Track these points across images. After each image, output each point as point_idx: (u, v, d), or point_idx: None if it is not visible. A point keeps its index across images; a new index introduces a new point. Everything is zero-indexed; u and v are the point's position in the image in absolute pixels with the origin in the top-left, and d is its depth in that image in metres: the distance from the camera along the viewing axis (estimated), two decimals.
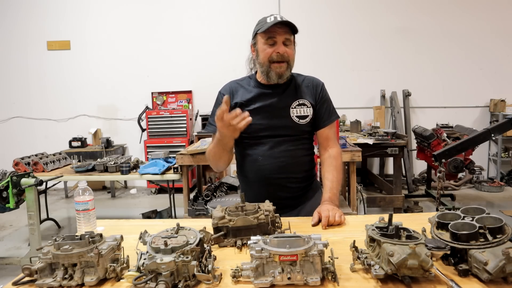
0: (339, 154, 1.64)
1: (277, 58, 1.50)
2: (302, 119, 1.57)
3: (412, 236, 0.97)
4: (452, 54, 5.37)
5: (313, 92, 1.62)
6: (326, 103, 1.63)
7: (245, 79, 1.67)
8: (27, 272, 0.98)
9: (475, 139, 2.37)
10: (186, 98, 5.62)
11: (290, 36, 1.52)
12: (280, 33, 1.48)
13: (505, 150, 5.29)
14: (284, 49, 1.50)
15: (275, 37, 1.49)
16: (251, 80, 1.64)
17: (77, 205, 1.40)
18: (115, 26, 5.61)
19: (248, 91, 1.60)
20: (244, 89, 1.62)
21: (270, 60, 1.51)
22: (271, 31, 1.48)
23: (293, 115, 1.57)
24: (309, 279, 0.93)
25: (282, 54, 1.49)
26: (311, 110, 1.59)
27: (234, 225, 1.19)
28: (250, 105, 1.58)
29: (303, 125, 1.58)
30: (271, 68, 1.52)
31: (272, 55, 1.50)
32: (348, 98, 5.42)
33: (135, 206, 4.92)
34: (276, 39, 1.49)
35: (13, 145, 5.62)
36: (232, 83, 1.67)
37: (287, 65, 1.53)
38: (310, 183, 1.69)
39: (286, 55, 1.50)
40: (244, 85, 1.64)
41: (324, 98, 1.63)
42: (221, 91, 1.65)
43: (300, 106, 1.58)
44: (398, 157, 3.94)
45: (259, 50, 1.54)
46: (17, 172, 2.86)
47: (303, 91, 1.61)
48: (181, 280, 0.93)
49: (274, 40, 1.49)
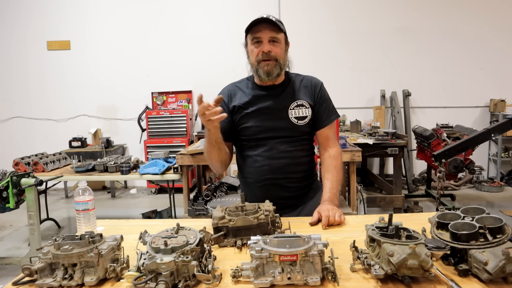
0: (339, 154, 1.64)
1: (263, 57, 1.50)
2: (300, 120, 1.57)
3: (412, 236, 0.97)
4: (452, 54, 5.37)
5: (311, 92, 1.61)
6: (325, 103, 1.63)
7: (243, 81, 1.67)
8: (27, 272, 0.98)
9: (475, 139, 2.37)
10: (186, 98, 5.62)
11: (277, 34, 1.51)
12: (265, 31, 1.49)
13: (505, 150, 5.29)
14: (268, 47, 1.50)
15: (260, 36, 1.50)
16: (249, 82, 1.64)
17: (77, 205, 1.40)
18: (115, 26, 5.61)
19: (246, 94, 1.61)
20: (242, 91, 1.62)
21: (258, 60, 1.52)
22: (256, 31, 1.50)
23: (292, 117, 1.56)
24: (309, 279, 0.93)
25: (267, 53, 1.49)
26: (309, 111, 1.58)
27: (234, 225, 1.19)
28: (248, 107, 1.58)
29: (302, 126, 1.58)
30: (259, 66, 1.52)
31: (259, 55, 1.51)
32: (348, 98, 5.42)
33: (135, 206, 4.92)
34: (261, 38, 1.50)
35: (13, 145, 5.62)
36: (231, 86, 1.67)
37: (275, 62, 1.52)
38: (311, 183, 1.69)
39: (272, 54, 1.50)
40: (242, 87, 1.64)
41: (323, 98, 1.62)
42: (220, 94, 1.64)
43: (298, 107, 1.57)
44: (398, 157, 3.94)
45: (249, 51, 1.56)
46: (17, 172, 2.86)
47: (302, 92, 1.60)
48: (181, 280, 0.93)
49: (259, 39, 1.50)
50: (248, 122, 1.58)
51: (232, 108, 1.59)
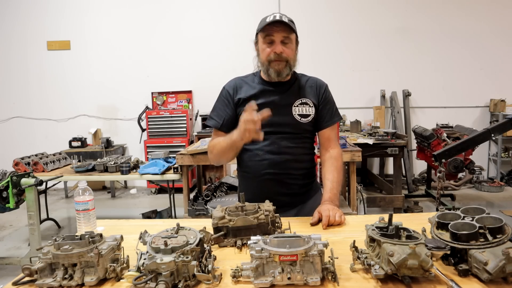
0: (339, 155, 1.65)
1: (275, 57, 1.51)
2: (304, 118, 1.58)
3: (412, 236, 0.97)
4: (452, 54, 5.37)
5: (316, 92, 1.63)
6: (329, 104, 1.64)
7: (250, 76, 1.69)
8: (27, 272, 0.98)
9: (475, 139, 2.37)
10: (186, 98, 5.62)
11: (289, 34, 1.52)
12: (278, 31, 1.49)
13: (505, 150, 5.29)
14: (281, 48, 1.50)
15: (273, 35, 1.50)
16: (256, 77, 1.66)
17: (77, 205, 1.40)
18: (115, 26, 5.61)
19: (252, 88, 1.62)
20: (248, 85, 1.64)
21: (269, 59, 1.53)
22: (269, 30, 1.50)
23: (295, 113, 1.58)
24: (309, 279, 0.93)
25: (279, 54, 1.50)
26: (313, 110, 1.60)
27: (234, 225, 1.19)
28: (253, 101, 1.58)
29: (305, 124, 1.59)
30: (270, 66, 1.54)
31: (270, 55, 1.52)
32: (348, 98, 5.41)
33: (135, 206, 4.92)
34: (274, 38, 1.50)
35: (13, 145, 5.62)
36: (237, 79, 1.69)
37: (286, 63, 1.54)
38: (310, 183, 1.69)
39: (283, 55, 1.51)
40: (249, 81, 1.65)
41: (327, 99, 1.64)
42: (225, 87, 1.67)
43: (302, 105, 1.59)
44: (398, 157, 3.94)
45: (260, 49, 1.57)
46: (17, 172, 2.86)
47: (307, 91, 1.62)
48: (181, 280, 0.93)
49: (271, 39, 1.51)
50: None
51: (238, 100, 1.61)
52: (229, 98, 1.62)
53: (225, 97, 1.64)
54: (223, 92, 1.66)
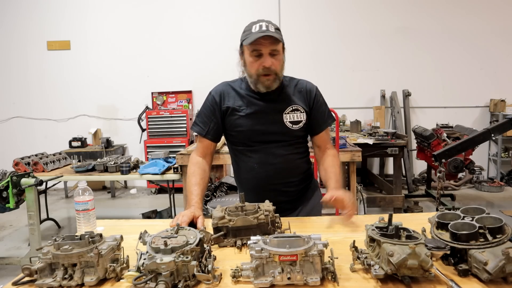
0: (337, 155, 1.65)
1: (264, 71, 1.45)
2: (295, 125, 1.55)
3: (412, 236, 0.97)
4: (452, 54, 5.37)
5: (306, 97, 1.58)
6: (321, 108, 1.61)
7: (237, 81, 1.62)
8: (27, 272, 0.98)
9: (475, 139, 2.37)
10: (186, 98, 5.62)
11: (277, 45, 1.44)
12: (266, 44, 1.42)
13: (505, 150, 5.29)
14: (270, 61, 1.43)
15: (261, 49, 1.43)
16: (243, 83, 1.59)
17: (77, 205, 1.40)
18: (115, 26, 5.60)
19: (240, 96, 1.57)
20: (236, 92, 1.58)
21: (258, 73, 1.46)
22: (256, 43, 1.41)
23: (287, 121, 1.54)
24: (309, 279, 0.93)
25: (269, 67, 1.44)
26: (304, 116, 1.56)
27: (234, 225, 1.19)
28: (242, 110, 1.54)
29: (297, 131, 1.56)
30: (259, 80, 1.48)
31: (259, 69, 1.45)
32: (348, 98, 5.42)
33: (135, 206, 4.91)
34: (262, 51, 1.43)
35: (13, 145, 5.62)
36: (224, 85, 1.62)
37: (275, 76, 1.48)
38: (309, 183, 1.68)
39: (273, 68, 1.45)
40: (236, 87, 1.59)
41: (319, 103, 1.60)
42: (212, 93, 1.60)
43: (293, 111, 1.54)
44: (398, 157, 3.94)
45: (246, 61, 1.49)
46: (17, 172, 2.86)
47: (296, 97, 1.57)
48: (181, 280, 0.93)
49: (259, 52, 1.43)
50: (242, 125, 1.55)
51: (226, 108, 1.56)
52: (215, 105, 1.56)
53: (211, 104, 1.58)
54: (209, 97, 1.60)
